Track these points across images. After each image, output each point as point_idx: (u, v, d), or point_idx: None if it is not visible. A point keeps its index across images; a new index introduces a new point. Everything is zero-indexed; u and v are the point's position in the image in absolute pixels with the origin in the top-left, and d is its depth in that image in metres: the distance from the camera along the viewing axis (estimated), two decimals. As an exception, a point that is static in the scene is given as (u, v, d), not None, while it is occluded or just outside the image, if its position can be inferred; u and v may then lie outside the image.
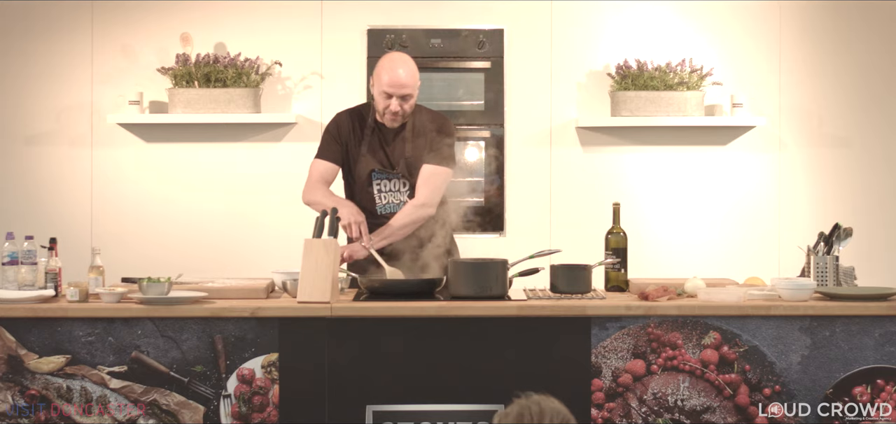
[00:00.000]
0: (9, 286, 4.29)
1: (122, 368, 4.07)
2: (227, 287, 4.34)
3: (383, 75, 4.48)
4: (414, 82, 4.51)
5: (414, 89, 4.51)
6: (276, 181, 5.91)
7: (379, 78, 4.50)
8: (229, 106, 5.76)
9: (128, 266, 5.27)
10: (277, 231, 5.81)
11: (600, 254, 4.55)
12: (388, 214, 4.54)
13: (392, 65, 4.50)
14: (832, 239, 4.44)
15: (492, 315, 4.11)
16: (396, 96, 4.46)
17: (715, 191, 5.98)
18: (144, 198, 5.94)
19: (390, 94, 4.46)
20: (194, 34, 5.84)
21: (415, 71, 4.54)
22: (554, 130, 5.94)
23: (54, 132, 5.94)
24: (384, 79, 4.47)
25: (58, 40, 5.92)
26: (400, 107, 4.47)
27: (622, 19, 5.95)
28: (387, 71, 4.49)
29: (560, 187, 5.95)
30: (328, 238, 4.19)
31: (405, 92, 4.47)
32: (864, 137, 5.98)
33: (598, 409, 4.10)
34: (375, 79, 4.53)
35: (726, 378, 4.10)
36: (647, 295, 4.19)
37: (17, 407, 4.06)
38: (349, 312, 4.09)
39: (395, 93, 4.46)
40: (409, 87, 4.49)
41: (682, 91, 5.78)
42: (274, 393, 4.07)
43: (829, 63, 5.97)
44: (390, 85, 4.46)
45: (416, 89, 4.53)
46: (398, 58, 4.56)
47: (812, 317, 4.11)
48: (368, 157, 4.56)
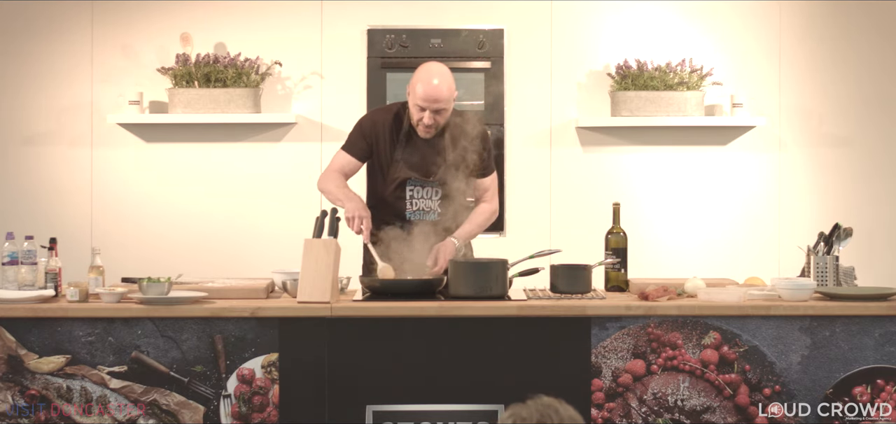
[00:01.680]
0: (9, 286, 4.29)
1: (122, 368, 4.07)
2: (227, 287, 4.34)
3: (418, 87, 4.38)
4: (450, 96, 4.40)
5: (449, 103, 4.41)
6: (275, 181, 5.91)
7: (414, 89, 4.41)
8: (229, 106, 5.76)
9: (128, 266, 5.27)
10: (277, 231, 5.81)
11: (600, 254, 4.55)
12: (418, 220, 4.52)
13: (428, 76, 4.39)
14: (832, 239, 4.43)
15: (492, 315, 4.11)
16: (430, 110, 4.38)
17: (715, 191, 5.98)
18: (144, 198, 5.94)
19: (424, 108, 4.38)
20: (194, 34, 5.84)
21: (451, 84, 4.42)
22: (554, 130, 5.94)
23: (54, 132, 5.94)
24: (419, 92, 4.37)
25: (58, 40, 5.92)
26: (433, 120, 4.39)
27: (622, 19, 5.95)
28: (422, 82, 4.38)
29: (560, 187, 5.95)
30: (328, 238, 4.19)
31: (439, 106, 4.38)
32: (864, 137, 5.98)
33: (598, 409, 4.10)
34: (411, 89, 4.44)
35: (726, 378, 4.10)
36: (647, 295, 4.19)
37: (17, 407, 4.06)
38: (349, 312, 4.09)
39: (429, 107, 4.38)
40: (444, 101, 4.39)
41: (682, 91, 5.78)
42: (274, 393, 4.07)
43: (829, 63, 5.97)
44: (425, 98, 4.37)
45: (451, 103, 4.43)
46: (435, 69, 4.43)
47: (812, 317, 4.11)
48: (403, 165, 4.50)
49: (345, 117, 5.86)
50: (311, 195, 5.75)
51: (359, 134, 4.56)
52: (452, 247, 4.42)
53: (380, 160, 4.55)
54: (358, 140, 4.55)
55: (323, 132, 5.87)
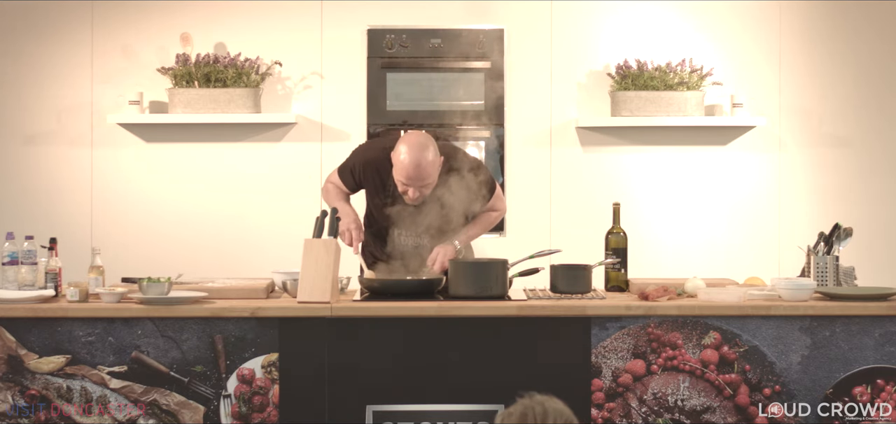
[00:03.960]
0: (9, 286, 4.29)
1: (122, 368, 4.07)
2: (227, 287, 4.34)
3: (402, 159, 4.25)
4: (434, 172, 4.28)
5: (434, 176, 4.29)
6: (276, 181, 5.91)
7: (397, 161, 4.27)
8: (229, 106, 5.76)
9: (128, 266, 5.27)
10: (277, 231, 5.81)
11: (600, 254, 4.55)
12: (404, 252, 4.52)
13: (411, 153, 4.23)
14: (832, 239, 4.43)
15: (492, 315, 4.11)
16: (414, 187, 4.29)
17: (715, 191, 5.98)
18: (144, 198, 5.94)
19: (408, 184, 4.29)
20: (194, 34, 5.84)
21: (434, 159, 4.27)
22: (554, 130, 5.94)
23: (54, 132, 5.93)
24: (401, 166, 4.25)
25: (58, 40, 5.92)
26: (418, 194, 4.30)
27: (622, 19, 5.95)
28: (406, 155, 4.23)
29: (560, 187, 5.95)
30: (328, 238, 4.19)
31: (424, 183, 4.28)
32: (864, 137, 5.98)
33: (598, 409, 4.10)
34: (394, 160, 4.30)
35: (726, 378, 4.10)
36: (647, 295, 4.19)
37: (17, 407, 4.06)
38: (349, 312, 4.09)
39: (412, 185, 4.28)
40: (429, 178, 4.28)
41: (682, 91, 5.78)
42: (274, 393, 4.07)
43: (829, 63, 5.96)
44: (408, 178, 4.26)
45: (437, 173, 4.30)
46: (416, 145, 4.25)
47: (812, 317, 4.11)
48: (392, 216, 4.46)
49: (345, 117, 5.87)
50: (311, 195, 5.75)
51: (350, 171, 4.51)
52: (453, 250, 4.42)
53: (370, 198, 4.53)
54: (348, 176, 4.52)
55: (323, 132, 5.87)
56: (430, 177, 4.28)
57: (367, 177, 4.49)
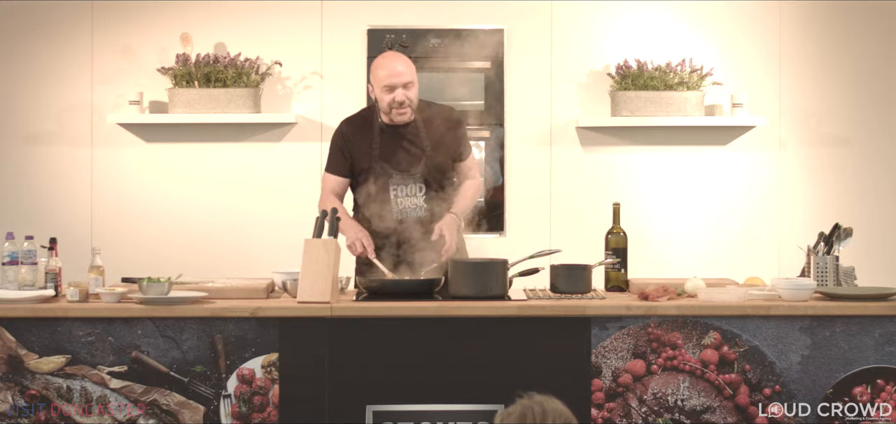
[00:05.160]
0: (9, 286, 4.29)
1: (122, 368, 4.07)
2: (227, 287, 4.34)
3: (380, 71, 4.51)
4: (411, 69, 4.54)
5: (413, 77, 4.53)
6: (275, 181, 5.91)
7: (376, 76, 4.53)
8: (229, 106, 5.76)
9: (128, 266, 5.26)
10: (277, 231, 5.81)
11: (600, 254, 4.55)
12: (405, 219, 4.53)
13: (385, 60, 4.56)
14: (832, 239, 4.43)
15: (492, 315, 4.11)
16: (399, 86, 4.48)
17: (715, 191, 5.98)
18: (144, 198, 5.94)
19: (393, 86, 4.48)
20: (194, 34, 5.84)
21: (409, 61, 4.58)
22: (554, 130, 5.94)
23: (54, 132, 5.94)
24: (382, 74, 4.50)
25: (58, 40, 5.92)
26: (405, 96, 4.49)
27: (622, 19, 5.95)
28: (382, 67, 4.53)
29: (560, 187, 5.95)
30: (328, 238, 4.19)
31: (406, 79, 4.49)
32: (863, 137, 5.98)
33: (598, 409, 4.10)
34: (373, 79, 4.55)
35: (726, 378, 4.10)
36: (647, 295, 4.19)
37: (17, 407, 4.06)
38: (349, 312, 4.09)
39: (397, 84, 4.48)
40: (408, 74, 4.51)
41: (682, 91, 5.78)
42: (274, 393, 4.07)
43: (829, 63, 5.97)
44: (390, 76, 4.48)
45: (415, 77, 4.55)
46: (389, 53, 4.68)
47: (812, 317, 4.11)
48: (384, 164, 4.54)
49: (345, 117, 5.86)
50: (311, 195, 5.74)
51: (335, 150, 4.63)
52: (454, 221, 4.44)
53: (360, 166, 4.57)
54: (336, 156, 4.61)
55: (323, 132, 5.86)
56: (411, 73, 4.51)
57: (352, 138, 4.58)
